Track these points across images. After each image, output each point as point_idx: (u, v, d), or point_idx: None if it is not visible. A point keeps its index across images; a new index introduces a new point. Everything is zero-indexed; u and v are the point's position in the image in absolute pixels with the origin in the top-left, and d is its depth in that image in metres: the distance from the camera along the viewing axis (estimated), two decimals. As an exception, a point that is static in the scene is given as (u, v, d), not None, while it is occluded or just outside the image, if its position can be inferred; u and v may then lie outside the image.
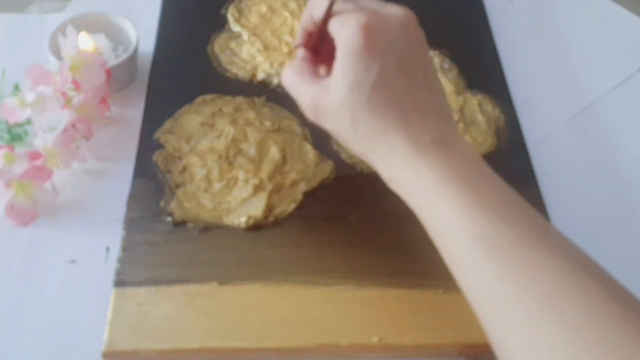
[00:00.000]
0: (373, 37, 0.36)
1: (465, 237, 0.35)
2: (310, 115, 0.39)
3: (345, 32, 0.37)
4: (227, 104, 0.54)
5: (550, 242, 0.34)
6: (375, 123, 0.37)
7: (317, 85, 0.39)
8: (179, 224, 0.46)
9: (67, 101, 0.49)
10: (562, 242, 0.35)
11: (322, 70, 0.42)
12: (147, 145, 0.51)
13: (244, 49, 0.59)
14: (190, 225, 0.46)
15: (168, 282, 0.43)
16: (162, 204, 0.47)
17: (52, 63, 0.53)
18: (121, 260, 0.44)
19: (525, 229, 0.35)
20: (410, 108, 0.37)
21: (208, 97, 0.55)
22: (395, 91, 0.37)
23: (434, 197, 0.36)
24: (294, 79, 0.40)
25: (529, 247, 0.34)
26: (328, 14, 0.39)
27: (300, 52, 0.43)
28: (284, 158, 0.51)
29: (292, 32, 0.60)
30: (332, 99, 0.37)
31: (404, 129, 0.37)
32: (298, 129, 0.53)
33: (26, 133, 0.52)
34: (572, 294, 0.32)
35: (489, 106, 0.55)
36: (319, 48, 0.42)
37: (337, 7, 0.38)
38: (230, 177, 0.49)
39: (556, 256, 0.33)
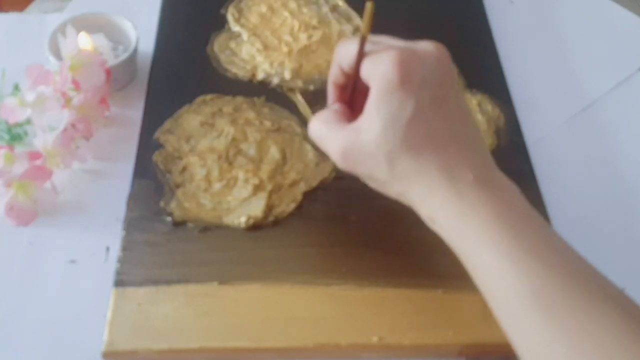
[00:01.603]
0: (407, 72, 0.35)
1: (514, 288, 0.33)
2: (340, 161, 0.38)
3: (378, 70, 0.36)
4: (227, 104, 0.54)
5: (604, 295, 0.33)
6: (413, 162, 0.35)
7: (346, 129, 0.37)
8: (179, 224, 0.46)
9: (67, 101, 0.49)
10: (615, 293, 0.34)
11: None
12: (147, 145, 0.51)
13: (244, 49, 0.59)
14: (190, 225, 0.46)
15: (168, 282, 0.43)
16: (162, 204, 0.47)
17: (52, 63, 0.53)
18: (121, 260, 0.44)
19: (577, 280, 0.33)
20: (447, 144, 0.36)
21: (208, 97, 0.55)
22: (432, 127, 0.35)
23: (479, 243, 0.35)
24: (321, 128, 0.39)
25: (582, 300, 0.32)
26: (360, 56, 0.38)
27: (335, 107, 0.41)
28: (283, 158, 0.51)
29: (291, 32, 0.60)
30: (364, 140, 0.36)
31: (442, 167, 0.35)
32: (298, 129, 0.53)
33: (26, 133, 0.52)
34: (628, 353, 0.30)
35: (488, 106, 0.55)
36: (353, 102, 0.40)
37: (365, 49, 0.38)
38: (230, 177, 0.49)
39: (611, 310, 0.32)
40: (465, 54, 0.59)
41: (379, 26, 0.61)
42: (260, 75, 0.57)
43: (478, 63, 0.59)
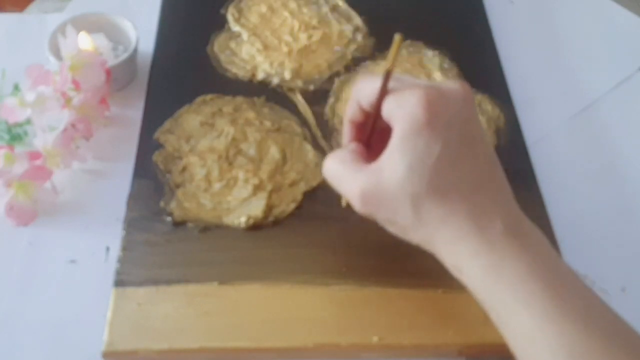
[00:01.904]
0: (434, 112, 0.33)
1: (548, 348, 0.32)
2: (359, 204, 0.35)
3: (403, 109, 0.34)
4: (227, 103, 0.54)
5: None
6: (439, 207, 0.34)
7: (366, 170, 0.35)
8: (179, 224, 0.46)
9: (67, 101, 0.49)
10: None
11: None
12: (147, 145, 0.51)
13: (244, 49, 0.59)
14: (190, 225, 0.46)
15: (168, 282, 0.43)
16: (162, 204, 0.47)
17: (52, 63, 0.53)
18: (121, 260, 0.44)
19: (616, 343, 0.32)
20: (475, 189, 0.34)
21: (208, 97, 0.55)
22: (459, 171, 0.34)
23: (511, 297, 0.33)
24: (338, 168, 0.37)
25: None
26: (383, 92, 0.36)
27: (351, 146, 0.39)
28: (283, 158, 0.51)
29: (291, 32, 0.60)
30: (387, 182, 0.34)
31: (471, 214, 0.34)
32: (298, 129, 0.53)
33: (26, 133, 0.52)
34: None
35: (488, 106, 0.55)
36: (370, 142, 0.39)
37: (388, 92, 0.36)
38: (230, 177, 0.49)
39: None
40: (465, 54, 0.59)
41: (379, 26, 0.62)
42: (260, 75, 0.57)
43: (478, 63, 0.59)
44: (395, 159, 0.34)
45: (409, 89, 0.35)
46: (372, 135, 0.39)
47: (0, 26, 0.62)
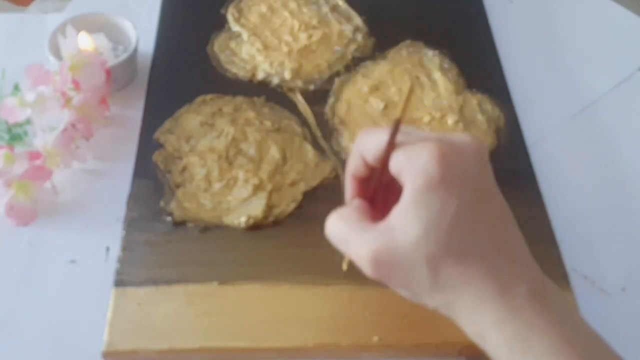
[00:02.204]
0: (449, 166, 0.31)
1: None
2: (369, 269, 0.33)
3: (415, 164, 0.32)
4: (227, 103, 0.54)
5: None
6: (458, 270, 0.31)
7: (375, 230, 0.33)
8: (179, 224, 0.46)
9: (67, 101, 0.49)
10: None
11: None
12: (147, 145, 0.51)
13: (244, 49, 0.59)
14: (190, 225, 0.46)
15: (168, 282, 0.43)
16: (162, 204, 0.47)
17: (52, 63, 0.53)
18: (121, 260, 0.44)
19: None
20: (495, 249, 0.32)
21: (208, 97, 0.55)
22: (476, 229, 0.32)
23: None
24: (342, 227, 0.34)
25: None
26: (390, 147, 0.34)
27: (354, 203, 0.36)
28: (283, 158, 0.51)
29: (291, 32, 0.60)
30: (400, 244, 0.32)
31: (492, 277, 0.31)
32: (298, 128, 0.53)
33: (26, 133, 0.52)
34: None
35: (488, 106, 0.55)
36: (375, 199, 0.36)
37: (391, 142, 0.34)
38: (230, 177, 0.49)
39: None
40: (465, 54, 0.59)
41: (379, 26, 0.62)
42: (260, 75, 0.57)
43: (478, 63, 0.59)
44: (408, 218, 0.32)
45: (419, 142, 0.33)
46: (378, 192, 0.37)
47: (0, 26, 0.62)
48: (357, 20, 0.62)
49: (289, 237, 0.46)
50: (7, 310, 0.43)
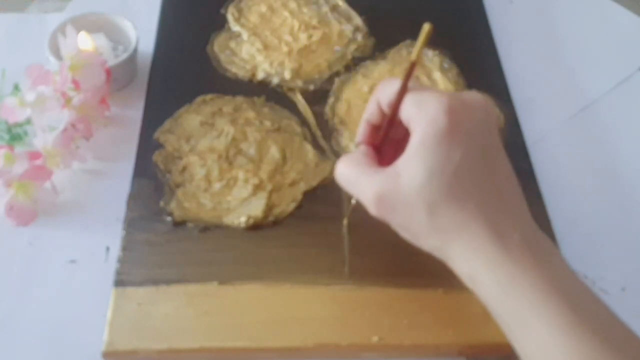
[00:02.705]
0: (457, 120, 0.33)
1: None
2: (374, 208, 0.36)
3: (425, 114, 0.34)
4: (227, 103, 0.54)
5: None
6: (457, 215, 0.33)
7: (382, 174, 0.35)
8: (179, 224, 0.46)
9: (67, 101, 0.49)
10: None
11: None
12: (147, 145, 0.51)
13: (244, 49, 0.59)
14: (190, 225, 0.46)
15: (168, 282, 0.43)
16: (162, 203, 0.47)
17: (52, 63, 0.53)
18: (121, 260, 0.44)
19: (630, 354, 0.31)
20: (493, 200, 0.34)
21: (208, 96, 0.55)
22: (478, 180, 0.34)
23: (529, 311, 0.32)
24: (351, 171, 0.37)
25: None
26: (402, 91, 0.36)
27: (362, 149, 0.39)
28: (283, 158, 0.51)
29: (291, 32, 0.60)
30: (405, 186, 0.34)
31: (488, 224, 0.33)
32: (298, 128, 0.53)
33: (26, 133, 0.52)
34: None
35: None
36: (382, 147, 0.39)
37: (409, 91, 0.36)
38: (230, 177, 0.49)
39: None
40: (465, 54, 0.59)
41: (379, 26, 0.62)
42: (260, 75, 0.57)
43: (478, 63, 0.59)
44: (414, 164, 0.34)
45: (432, 95, 0.35)
46: (386, 139, 0.38)
47: (0, 26, 0.62)
48: (357, 20, 0.62)
49: (289, 237, 0.46)
50: (7, 310, 0.43)
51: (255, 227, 0.47)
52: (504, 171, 0.36)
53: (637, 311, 0.45)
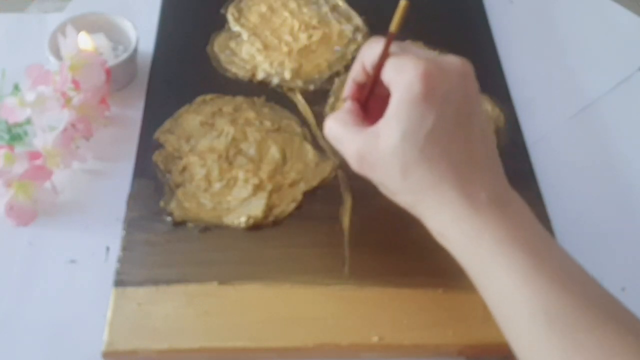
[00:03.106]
0: (432, 85, 0.35)
1: (527, 308, 0.33)
2: (355, 165, 0.38)
3: (402, 79, 0.35)
4: (227, 103, 0.54)
5: (619, 319, 0.33)
6: (428, 175, 0.35)
7: (365, 133, 0.37)
8: (179, 224, 0.46)
9: (67, 101, 0.49)
10: (630, 318, 0.34)
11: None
12: (147, 145, 0.51)
13: (244, 49, 0.59)
14: (190, 225, 0.46)
15: (168, 282, 0.43)
16: (162, 203, 0.47)
17: (52, 63, 0.53)
18: (121, 260, 0.44)
19: (590, 300, 0.33)
20: (465, 162, 0.36)
21: (208, 96, 0.55)
22: (451, 143, 0.35)
23: (491, 260, 0.34)
24: (338, 128, 0.39)
25: (597, 323, 0.32)
26: (384, 57, 0.37)
27: (348, 105, 0.41)
28: (283, 158, 0.51)
29: (291, 32, 0.60)
30: (381, 147, 0.36)
31: (458, 183, 0.35)
32: (298, 128, 0.53)
33: (26, 133, 0.52)
34: None
35: (488, 106, 0.55)
36: (367, 103, 0.41)
37: (391, 56, 0.37)
38: (230, 177, 0.49)
39: (625, 334, 0.32)
40: (465, 54, 0.59)
41: (379, 26, 0.62)
42: (260, 75, 0.57)
43: (478, 63, 0.58)
44: (390, 126, 0.35)
45: (410, 59, 0.36)
46: (370, 97, 0.40)
47: (0, 26, 0.62)
48: (357, 20, 0.62)
49: (289, 237, 0.46)
50: (7, 310, 0.43)
51: (255, 227, 0.47)
52: (479, 135, 0.37)
53: (637, 311, 0.45)
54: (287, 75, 0.56)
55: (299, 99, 0.55)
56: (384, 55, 0.37)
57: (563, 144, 0.55)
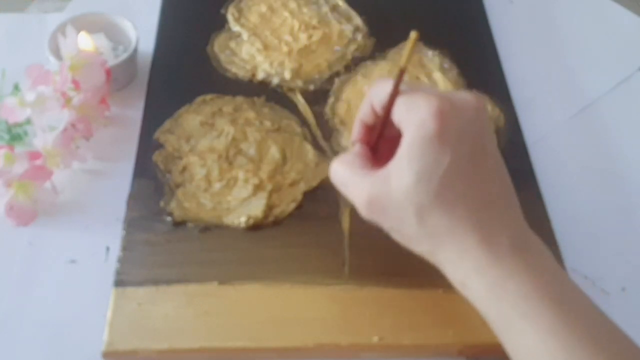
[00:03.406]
0: (446, 123, 0.33)
1: None
2: (365, 210, 0.36)
3: (414, 117, 0.34)
4: (227, 103, 0.54)
5: None
6: (445, 220, 0.33)
7: (374, 176, 0.35)
8: (179, 224, 0.46)
9: (67, 101, 0.49)
10: None
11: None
12: (147, 145, 0.51)
13: (244, 49, 0.59)
14: (190, 225, 0.46)
15: (168, 282, 0.43)
16: (162, 203, 0.47)
17: (52, 63, 0.53)
18: (121, 260, 0.44)
19: (620, 357, 0.32)
20: (483, 203, 0.34)
21: (208, 97, 0.55)
22: (467, 184, 0.33)
23: (516, 313, 0.33)
24: (345, 172, 0.37)
25: None
26: (394, 96, 0.36)
27: (357, 148, 0.39)
28: (283, 158, 0.51)
29: (291, 32, 0.60)
30: (394, 190, 0.34)
31: (477, 228, 0.33)
32: (298, 128, 0.53)
33: (26, 133, 0.52)
34: None
35: (488, 106, 0.55)
36: (377, 146, 0.39)
37: (401, 94, 0.36)
38: (230, 177, 0.49)
39: None
40: (465, 54, 0.59)
41: (379, 26, 0.62)
42: (260, 75, 0.57)
43: (478, 63, 0.59)
44: (403, 167, 0.34)
45: (422, 96, 0.34)
46: (380, 138, 0.39)
47: (0, 26, 0.62)
48: (357, 20, 0.62)
49: (289, 237, 0.46)
50: (7, 310, 0.43)
51: (255, 227, 0.47)
52: (495, 174, 0.35)
53: (637, 311, 0.45)
54: (287, 75, 0.56)
55: (299, 99, 0.55)
56: (394, 93, 0.36)
57: (563, 144, 0.55)
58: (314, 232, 0.47)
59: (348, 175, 0.37)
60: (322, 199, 0.49)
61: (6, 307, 0.44)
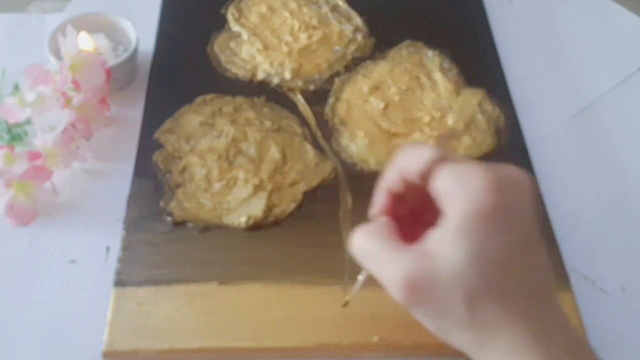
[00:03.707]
0: (502, 198, 0.29)
1: None
2: (401, 292, 0.30)
3: (465, 189, 0.29)
4: (227, 103, 0.54)
5: None
6: (497, 310, 0.29)
7: (411, 252, 0.30)
8: (179, 224, 0.46)
9: (67, 101, 0.49)
10: None
11: None
12: (147, 145, 0.51)
13: (244, 49, 0.59)
14: (190, 225, 0.46)
15: (168, 282, 0.43)
16: (162, 204, 0.47)
17: (52, 63, 0.53)
18: (121, 260, 0.44)
19: None
20: (535, 294, 0.30)
21: (208, 97, 0.55)
22: (520, 269, 0.30)
23: None
24: (374, 245, 0.32)
25: None
26: (438, 163, 0.31)
27: (384, 220, 0.34)
28: (283, 158, 0.51)
29: (291, 32, 0.60)
30: (440, 271, 0.29)
31: (531, 322, 0.30)
32: (298, 128, 0.53)
33: (26, 133, 0.52)
34: None
35: (488, 106, 0.55)
36: (404, 219, 0.34)
37: (443, 162, 0.32)
38: (230, 177, 0.49)
39: None
40: (465, 54, 0.59)
41: (379, 26, 0.62)
42: (260, 75, 0.57)
43: (478, 63, 0.59)
44: (452, 246, 0.29)
45: (472, 167, 0.30)
46: (406, 215, 0.35)
47: (0, 26, 0.62)
48: (357, 20, 0.62)
49: (289, 237, 0.46)
50: (7, 310, 0.43)
51: (255, 227, 0.47)
52: (545, 262, 0.32)
53: (637, 311, 0.45)
54: (287, 75, 0.56)
55: (299, 99, 0.55)
56: (440, 160, 0.31)
57: (563, 144, 0.55)
58: (314, 232, 0.47)
59: (378, 249, 0.32)
60: (322, 199, 0.49)
61: (6, 307, 0.44)
